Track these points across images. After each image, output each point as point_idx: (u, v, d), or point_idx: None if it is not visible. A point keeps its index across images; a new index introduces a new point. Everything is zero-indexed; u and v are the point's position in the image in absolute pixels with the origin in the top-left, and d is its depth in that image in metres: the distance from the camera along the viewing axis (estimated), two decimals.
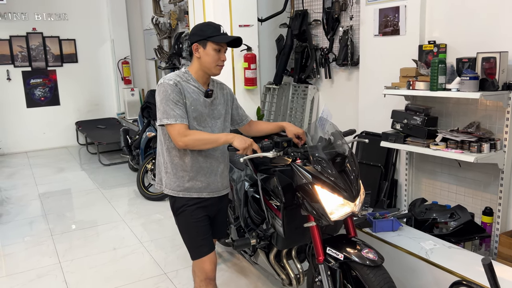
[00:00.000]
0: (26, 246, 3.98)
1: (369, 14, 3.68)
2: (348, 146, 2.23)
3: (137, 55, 8.52)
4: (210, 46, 2.21)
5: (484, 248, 2.93)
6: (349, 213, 2.14)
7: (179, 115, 2.16)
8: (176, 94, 2.17)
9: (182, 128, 2.16)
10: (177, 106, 2.17)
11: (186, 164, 2.27)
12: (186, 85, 2.23)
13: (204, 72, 2.27)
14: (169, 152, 2.29)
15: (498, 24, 2.88)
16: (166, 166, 2.31)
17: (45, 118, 7.98)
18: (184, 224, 2.34)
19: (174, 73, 2.28)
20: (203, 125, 2.28)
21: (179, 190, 2.30)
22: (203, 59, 2.23)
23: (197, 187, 2.30)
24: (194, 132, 2.19)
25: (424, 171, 3.53)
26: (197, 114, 2.24)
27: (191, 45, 2.26)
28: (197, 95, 2.26)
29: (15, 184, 5.93)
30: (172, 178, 2.30)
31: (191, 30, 2.29)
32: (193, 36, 2.24)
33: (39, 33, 7.75)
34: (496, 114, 2.94)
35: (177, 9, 6.49)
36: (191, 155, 2.25)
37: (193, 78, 2.27)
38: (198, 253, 2.32)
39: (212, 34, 2.20)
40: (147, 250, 3.83)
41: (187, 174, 2.28)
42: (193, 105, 2.23)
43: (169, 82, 2.19)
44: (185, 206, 2.30)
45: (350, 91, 4.31)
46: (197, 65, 2.26)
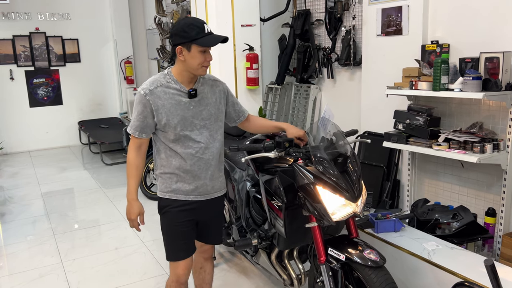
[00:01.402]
0: (28, 245, 3.99)
1: (372, 13, 3.67)
2: (350, 146, 2.23)
3: (140, 55, 8.53)
4: (196, 48, 2.07)
5: (487, 249, 2.92)
6: (351, 214, 2.13)
7: (135, 127, 2.17)
8: (141, 105, 2.14)
9: (135, 142, 2.20)
10: (138, 118, 2.16)
11: (173, 166, 2.23)
12: (164, 90, 2.14)
13: (190, 73, 2.16)
14: (159, 154, 2.27)
15: (501, 24, 2.87)
16: (156, 168, 2.31)
17: (48, 117, 8.00)
18: (165, 225, 2.33)
19: (154, 77, 2.21)
20: (191, 129, 2.19)
21: (166, 192, 2.28)
22: (188, 62, 2.11)
23: (184, 189, 2.26)
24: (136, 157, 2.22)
25: (426, 172, 3.51)
26: (179, 119, 2.15)
27: (174, 47, 2.12)
28: (178, 98, 2.16)
29: (17, 184, 5.95)
30: (161, 179, 2.29)
31: (172, 30, 2.14)
32: (176, 38, 2.10)
33: (42, 32, 7.76)
34: (499, 115, 2.93)
35: (179, 8, 6.49)
36: (179, 156, 2.21)
37: (174, 80, 2.17)
38: (174, 256, 2.32)
39: (197, 36, 2.06)
40: (149, 249, 3.83)
41: (174, 176, 2.24)
42: (172, 111, 2.14)
43: (140, 91, 2.15)
44: (168, 207, 2.27)
45: (352, 91, 4.30)
46: (181, 67, 2.16)
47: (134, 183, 2.25)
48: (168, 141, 2.21)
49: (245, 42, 4.57)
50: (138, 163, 2.24)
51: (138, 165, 2.24)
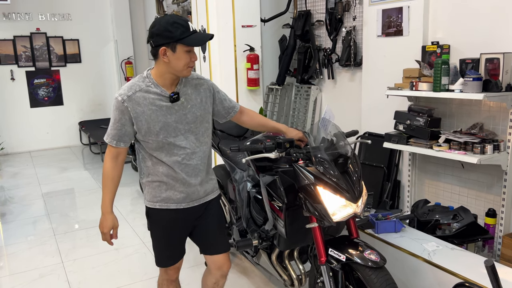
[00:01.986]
0: (29, 246, 4.00)
1: (372, 14, 3.67)
2: (350, 147, 2.23)
3: (140, 55, 8.54)
4: (181, 48, 1.93)
5: (487, 250, 2.92)
6: (351, 214, 2.13)
7: (112, 136, 2.04)
8: (118, 112, 1.99)
9: (112, 151, 2.07)
10: (115, 125, 2.02)
11: (160, 173, 2.10)
12: (144, 96, 2.00)
13: (173, 74, 2.02)
14: (144, 161, 2.14)
15: (502, 25, 2.87)
16: (142, 177, 2.19)
17: (49, 118, 8.01)
18: (155, 234, 2.24)
19: (135, 80, 2.06)
20: (174, 135, 2.05)
21: (155, 201, 2.15)
22: (172, 63, 1.96)
23: (175, 197, 2.13)
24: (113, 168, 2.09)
25: (427, 172, 3.52)
26: (161, 125, 2.02)
27: (156, 48, 1.95)
28: (159, 103, 2.01)
29: (18, 184, 5.95)
30: (148, 189, 2.16)
31: (152, 29, 1.96)
32: (159, 38, 1.93)
33: (43, 33, 7.77)
34: (499, 115, 2.93)
35: (180, 9, 6.50)
36: (165, 164, 2.08)
37: (154, 84, 2.02)
38: (163, 263, 2.29)
39: (182, 35, 1.91)
40: (149, 250, 3.83)
41: (163, 184, 2.11)
42: (153, 118, 2.00)
43: (118, 97, 1.99)
44: (158, 217, 2.17)
45: (353, 91, 4.30)
46: (164, 69, 2.00)
47: (109, 195, 2.11)
48: (151, 149, 2.07)
49: (246, 42, 4.57)
50: (114, 174, 2.10)
51: (114, 177, 2.10)
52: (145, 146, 2.08)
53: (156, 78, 2.04)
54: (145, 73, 2.07)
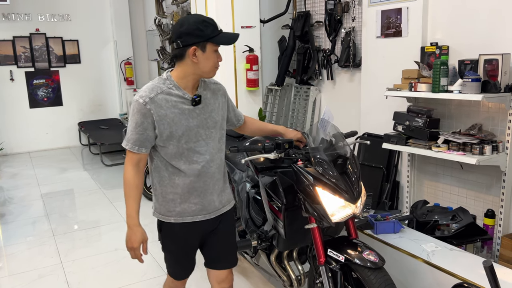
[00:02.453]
0: (28, 246, 4.00)
1: (371, 15, 3.68)
2: (349, 147, 2.23)
3: (140, 56, 8.54)
4: (210, 47, 1.87)
5: (486, 251, 2.92)
6: (350, 215, 2.14)
7: (134, 141, 1.90)
8: (140, 115, 1.87)
9: (133, 158, 1.92)
10: (136, 130, 1.88)
11: (176, 185, 1.98)
12: (166, 98, 1.89)
13: (198, 76, 1.94)
14: (158, 171, 2.00)
15: (501, 26, 2.88)
16: (154, 188, 2.04)
17: (48, 118, 8.00)
18: (168, 248, 2.14)
19: (155, 82, 1.94)
20: (195, 139, 1.96)
21: (170, 216, 2.03)
22: (202, 64, 1.88)
23: (190, 210, 2.02)
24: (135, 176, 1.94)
25: (426, 173, 3.52)
26: (184, 129, 1.92)
27: (185, 47, 1.86)
28: (181, 106, 1.92)
29: (17, 184, 5.95)
30: (162, 201, 2.03)
31: (181, 28, 1.86)
32: (188, 37, 1.84)
33: (42, 33, 7.77)
34: (498, 116, 2.94)
35: (179, 10, 6.50)
36: (183, 173, 1.96)
37: (176, 86, 1.92)
38: (174, 275, 2.22)
39: (213, 33, 1.85)
40: (149, 250, 3.82)
41: (178, 197, 1.99)
42: (176, 121, 1.90)
43: (139, 99, 1.87)
44: (172, 230, 2.06)
45: (352, 92, 4.31)
46: (189, 70, 1.90)
47: (134, 205, 1.94)
48: (170, 156, 1.95)
49: (245, 43, 4.58)
50: (138, 182, 1.94)
51: (138, 185, 1.94)
52: (163, 153, 1.96)
53: (177, 80, 1.93)
54: (164, 75, 1.95)
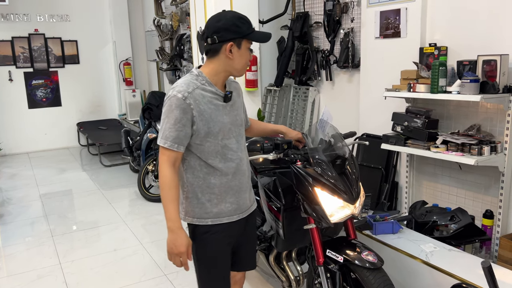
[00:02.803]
0: (27, 247, 3.99)
1: (370, 16, 3.68)
2: (348, 148, 2.24)
3: (139, 57, 8.54)
4: (245, 44, 1.86)
5: (485, 251, 2.93)
6: (349, 215, 2.14)
7: (173, 138, 1.81)
8: (180, 111, 1.79)
9: (171, 157, 1.82)
10: (175, 126, 1.80)
11: (212, 185, 1.90)
12: (202, 94, 1.84)
13: (229, 73, 1.91)
14: (192, 172, 1.91)
15: (499, 27, 2.88)
16: (187, 190, 1.93)
17: (47, 119, 8.00)
18: (204, 254, 1.97)
19: (187, 78, 1.88)
20: (228, 137, 1.91)
21: (207, 217, 1.92)
22: (236, 60, 1.85)
23: (227, 210, 1.94)
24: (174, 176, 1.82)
25: (424, 174, 3.52)
26: (220, 126, 1.87)
27: (221, 43, 1.82)
28: (216, 102, 1.87)
29: (16, 185, 5.94)
30: (196, 203, 1.92)
31: (218, 23, 1.83)
32: (226, 33, 1.81)
33: (41, 34, 7.77)
34: (496, 117, 2.94)
35: (178, 10, 6.51)
36: (219, 172, 1.90)
37: (208, 82, 1.87)
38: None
39: (249, 30, 1.84)
40: (147, 251, 3.83)
41: (214, 197, 1.91)
42: (213, 117, 1.85)
43: (177, 94, 1.79)
44: (209, 233, 1.94)
45: (351, 93, 4.31)
46: (222, 67, 1.87)
47: (175, 207, 1.83)
48: (206, 155, 1.88)
49: None
50: (176, 183, 1.84)
51: (177, 185, 1.84)
52: (198, 151, 1.88)
53: (209, 76, 1.89)
54: (195, 71, 1.90)
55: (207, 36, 1.85)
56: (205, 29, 1.88)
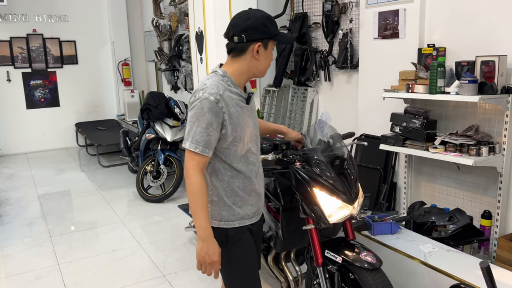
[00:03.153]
0: (25, 247, 3.98)
1: (369, 17, 3.69)
2: (347, 148, 2.24)
3: (137, 57, 8.54)
4: (271, 46, 1.82)
5: (483, 252, 2.93)
6: (348, 216, 2.14)
7: (204, 143, 1.72)
8: (212, 115, 1.71)
9: (200, 162, 1.74)
10: (207, 131, 1.72)
11: (236, 188, 1.87)
12: (230, 96, 1.77)
13: (252, 74, 1.85)
14: (215, 175, 1.85)
15: (497, 28, 2.89)
16: (211, 193, 1.87)
17: (45, 119, 7.98)
18: (237, 256, 1.91)
19: (215, 79, 1.79)
20: (250, 140, 1.88)
21: (234, 220, 1.88)
22: (261, 61, 1.81)
23: (250, 212, 1.92)
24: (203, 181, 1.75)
25: (423, 174, 3.53)
26: (245, 130, 1.83)
27: (248, 42, 1.76)
28: (241, 105, 1.82)
29: (14, 185, 5.93)
30: (222, 206, 1.87)
31: (246, 22, 1.76)
32: (255, 32, 1.75)
33: (40, 34, 7.76)
34: (495, 118, 2.95)
35: (177, 11, 6.51)
36: (242, 175, 1.87)
37: (233, 83, 1.81)
38: None
39: (276, 31, 1.80)
40: (146, 252, 3.83)
41: (239, 200, 1.88)
42: (240, 121, 1.80)
43: (209, 97, 1.71)
44: (239, 234, 1.90)
45: (349, 93, 4.31)
46: (246, 67, 1.81)
47: (206, 215, 1.76)
48: (232, 159, 1.83)
49: None
50: (206, 188, 1.77)
51: (206, 191, 1.78)
52: (224, 155, 1.83)
53: (234, 77, 1.82)
54: (220, 71, 1.83)
55: (234, 34, 1.78)
56: (231, 26, 1.81)
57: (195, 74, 4.89)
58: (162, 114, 5.41)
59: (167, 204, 5.04)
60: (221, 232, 1.87)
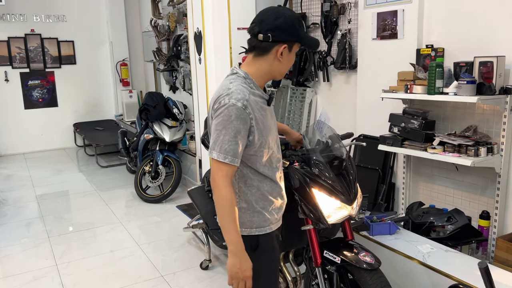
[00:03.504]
0: (23, 248, 3.97)
1: (367, 17, 3.69)
2: (345, 149, 2.24)
3: (136, 57, 8.52)
4: (295, 48, 1.74)
5: (481, 252, 2.94)
6: (346, 216, 2.14)
7: (234, 152, 1.64)
8: (240, 122, 1.63)
9: (229, 172, 1.66)
10: (236, 139, 1.63)
11: (265, 193, 1.81)
12: (254, 100, 1.70)
13: (271, 76, 1.78)
14: (243, 181, 1.78)
15: (496, 29, 2.89)
16: (239, 200, 1.79)
17: (43, 119, 7.97)
18: (268, 263, 1.87)
19: (238, 82, 1.69)
20: (274, 143, 1.82)
21: (265, 226, 1.81)
22: (284, 63, 1.73)
23: (277, 216, 1.88)
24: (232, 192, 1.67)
25: (421, 175, 3.53)
26: (270, 134, 1.77)
27: (274, 43, 1.67)
28: (264, 107, 1.75)
29: (12, 186, 5.92)
30: (252, 213, 1.79)
31: (276, 20, 1.67)
32: (283, 33, 1.67)
33: (38, 34, 7.74)
34: (493, 118, 2.95)
35: (176, 11, 6.50)
36: (269, 179, 1.81)
37: (255, 85, 1.74)
38: None
39: (303, 34, 1.72)
40: (144, 252, 3.82)
41: (267, 204, 1.81)
42: (265, 125, 1.73)
43: (237, 103, 1.62)
44: (269, 240, 1.85)
45: (348, 94, 4.32)
46: (267, 68, 1.73)
47: (237, 228, 1.68)
48: (259, 164, 1.77)
49: (241, 45, 4.58)
50: (235, 200, 1.70)
51: (235, 203, 1.69)
52: (250, 162, 1.76)
53: (254, 78, 1.74)
54: (242, 73, 1.74)
55: (259, 32, 1.68)
56: (258, 22, 1.71)
57: (194, 75, 4.88)
58: (161, 115, 5.41)
59: (165, 205, 5.04)
60: (251, 239, 1.81)
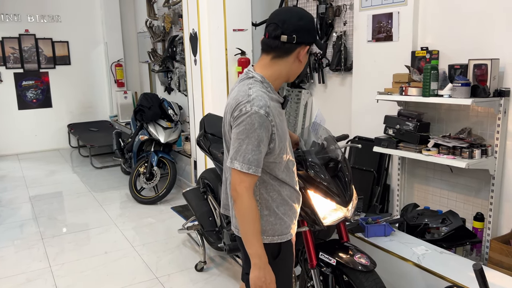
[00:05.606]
0: (16, 250, 3.94)
1: (363, 20, 3.70)
2: (341, 151, 2.24)
3: (131, 58, 8.50)
4: (309, 49, 1.71)
5: (475, 253, 2.95)
6: (342, 218, 2.14)
7: (256, 162, 1.59)
8: (263, 130, 1.57)
9: (252, 182, 1.62)
10: (259, 149, 1.58)
11: (286, 198, 1.78)
12: (273, 105, 1.64)
13: (287, 79, 1.73)
14: (264, 187, 1.73)
15: (490, 32, 2.91)
16: (261, 207, 1.73)
17: (37, 120, 7.92)
18: (284, 267, 1.84)
19: (257, 87, 1.63)
20: (290, 147, 1.79)
21: (286, 233, 1.79)
22: (302, 66, 1.72)
23: (295, 221, 1.86)
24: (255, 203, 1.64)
25: (416, 177, 3.54)
26: (287, 138, 1.74)
27: (297, 45, 1.63)
28: (281, 112, 1.71)
29: (5, 187, 5.87)
30: (274, 220, 1.75)
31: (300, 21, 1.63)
32: (306, 35, 1.64)
33: (32, 34, 7.70)
34: (487, 120, 2.97)
35: (171, 12, 6.49)
36: (288, 186, 1.78)
37: (272, 88, 1.68)
38: None
39: (316, 36, 1.72)
40: (138, 254, 3.80)
41: (288, 209, 1.79)
42: (283, 130, 1.69)
43: (259, 110, 1.56)
44: (288, 247, 1.84)
45: (343, 96, 4.33)
46: (285, 70, 1.69)
47: (261, 241, 1.65)
48: (279, 171, 1.73)
49: (237, 46, 4.58)
50: (259, 213, 1.67)
51: (259, 215, 1.67)
52: (269, 169, 1.71)
53: (271, 81, 1.68)
54: (258, 77, 1.67)
55: (283, 33, 1.62)
56: (280, 23, 1.63)
57: (189, 76, 4.88)
58: (156, 116, 5.39)
59: (160, 206, 5.02)
60: (273, 248, 1.77)
